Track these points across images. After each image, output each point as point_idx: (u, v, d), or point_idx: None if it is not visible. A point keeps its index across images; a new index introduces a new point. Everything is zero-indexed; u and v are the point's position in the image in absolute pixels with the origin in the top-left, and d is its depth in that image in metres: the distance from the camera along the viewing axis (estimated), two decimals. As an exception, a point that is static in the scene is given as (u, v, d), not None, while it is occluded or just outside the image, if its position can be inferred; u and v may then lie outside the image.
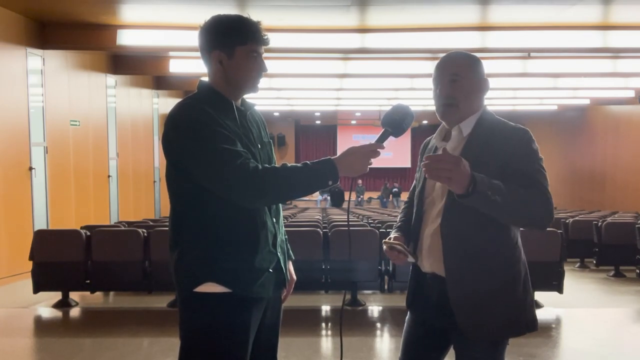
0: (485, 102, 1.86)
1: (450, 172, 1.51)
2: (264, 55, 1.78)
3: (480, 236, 1.72)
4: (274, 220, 1.81)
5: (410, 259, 1.82)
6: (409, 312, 1.96)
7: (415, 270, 1.91)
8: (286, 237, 1.93)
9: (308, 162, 1.66)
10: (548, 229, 5.96)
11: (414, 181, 2.00)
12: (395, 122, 1.74)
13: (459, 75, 1.77)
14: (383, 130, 1.75)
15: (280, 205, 1.88)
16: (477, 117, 1.80)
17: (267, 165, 1.69)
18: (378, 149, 1.68)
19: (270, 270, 1.77)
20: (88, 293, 5.35)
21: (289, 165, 1.66)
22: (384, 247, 1.81)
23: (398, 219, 2.04)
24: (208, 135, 1.62)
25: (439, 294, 1.77)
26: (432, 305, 1.81)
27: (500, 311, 1.71)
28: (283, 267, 1.84)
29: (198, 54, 1.78)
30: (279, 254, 1.81)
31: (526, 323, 1.75)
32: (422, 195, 1.87)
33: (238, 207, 1.67)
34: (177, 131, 1.67)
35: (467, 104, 1.79)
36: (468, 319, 1.71)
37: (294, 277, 2.00)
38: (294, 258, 1.99)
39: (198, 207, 1.70)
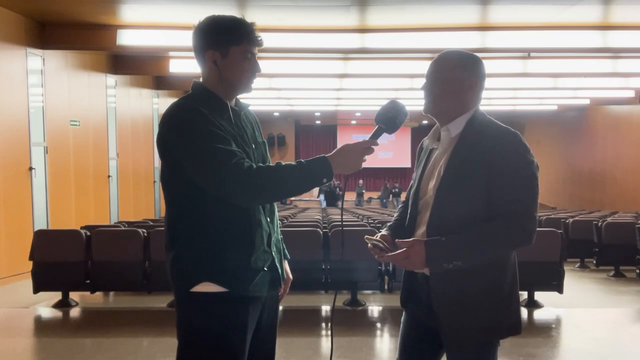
0: (485, 102, 1.85)
1: (404, 263, 1.69)
2: (260, 55, 1.78)
3: None
4: (268, 219, 1.81)
5: None
6: (404, 312, 1.97)
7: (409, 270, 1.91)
8: (281, 236, 1.93)
9: (302, 160, 1.67)
10: (547, 229, 5.90)
11: (412, 181, 2.00)
12: (388, 119, 1.74)
13: (439, 74, 1.77)
14: (377, 127, 1.76)
15: (275, 204, 1.89)
16: (467, 118, 1.78)
17: (261, 165, 1.69)
18: (372, 146, 1.68)
19: (265, 269, 1.77)
20: (88, 293, 5.34)
21: (284, 164, 1.66)
22: (368, 244, 1.80)
23: (393, 218, 2.04)
24: (202, 135, 1.62)
25: (428, 294, 1.77)
26: (423, 304, 1.81)
27: (482, 314, 1.70)
28: (278, 266, 1.84)
29: (197, 54, 1.78)
30: (273, 253, 1.82)
31: (508, 327, 1.75)
32: (416, 197, 1.86)
33: (233, 207, 1.67)
34: (171, 132, 1.68)
35: (447, 104, 1.78)
36: (449, 321, 1.72)
37: (290, 276, 2.00)
38: (289, 257, 2.00)
39: (193, 207, 1.70)
